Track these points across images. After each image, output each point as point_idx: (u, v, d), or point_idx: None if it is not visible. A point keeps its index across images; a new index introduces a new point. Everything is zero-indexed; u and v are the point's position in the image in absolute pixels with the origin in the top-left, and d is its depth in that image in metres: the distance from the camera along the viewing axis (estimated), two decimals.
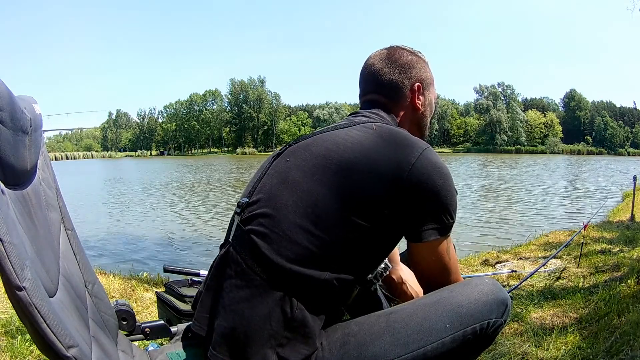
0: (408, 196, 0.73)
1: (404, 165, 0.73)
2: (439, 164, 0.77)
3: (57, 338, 0.45)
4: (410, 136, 0.81)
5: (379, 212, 0.73)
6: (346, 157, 0.74)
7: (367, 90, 0.95)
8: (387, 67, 0.92)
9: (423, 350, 0.70)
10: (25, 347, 1.51)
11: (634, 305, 1.78)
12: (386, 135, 0.78)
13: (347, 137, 0.78)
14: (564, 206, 9.85)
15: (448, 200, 0.77)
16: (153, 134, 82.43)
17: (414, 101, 0.92)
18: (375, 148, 0.76)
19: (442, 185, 0.76)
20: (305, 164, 0.77)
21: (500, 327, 0.77)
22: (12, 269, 0.43)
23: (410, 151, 0.75)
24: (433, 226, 0.76)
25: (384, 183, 0.72)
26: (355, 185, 0.72)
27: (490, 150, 70.78)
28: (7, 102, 0.50)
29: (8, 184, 0.52)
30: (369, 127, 0.80)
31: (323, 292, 0.72)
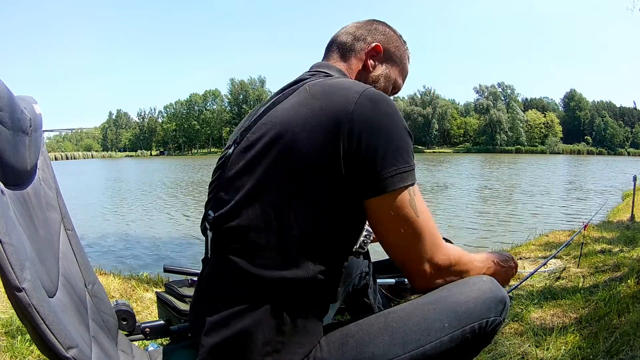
0: (356, 150, 0.65)
1: (341, 118, 0.65)
2: (381, 101, 0.68)
3: (56, 339, 0.45)
4: (345, 81, 0.72)
5: (334, 184, 0.66)
6: (285, 136, 0.67)
7: (330, 42, 0.89)
8: (356, 25, 0.87)
9: (422, 350, 0.69)
10: (26, 347, 1.51)
11: (634, 305, 1.78)
12: (319, 93, 0.70)
13: (282, 111, 0.71)
14: (564, 206, 9.85)
15: (403, 140, 0.67)
16: (153, 134, 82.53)
17: (366, 56, 0.85)
18: (310, 112, 0.67)
19: (390, 123, 0.67)
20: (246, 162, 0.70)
21: (499, 326, 0.76)
22: (11, 270, 0.43)
23: (345, 99, 0.67)
24: (392, 171, 0.65)
25: (327, 149, 0.65)
26: (301, 163, 0.65)
27: (490, 150, 70.81)
28: (7, 103, 0.50)
29: (8, 184, 0.52)
30: (302, 90, 0.72)
31: (312, 287, 0.70)
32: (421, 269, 0.71)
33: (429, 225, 0.70)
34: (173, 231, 7.19)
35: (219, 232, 0.71)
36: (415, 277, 0.73)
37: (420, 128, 76.95)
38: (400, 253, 0.72)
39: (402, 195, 0.67)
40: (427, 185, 14.88)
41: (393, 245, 0.71)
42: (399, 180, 0.66)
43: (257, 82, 79.55)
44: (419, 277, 0.73)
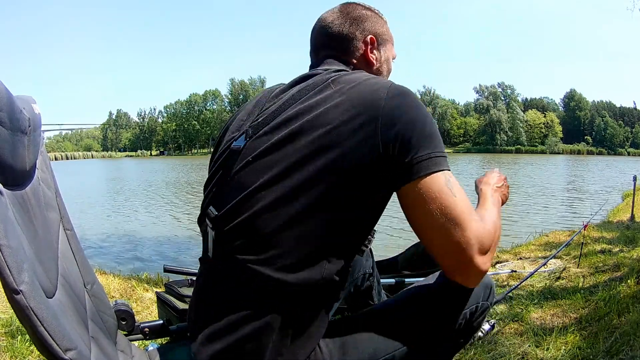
0: (393, 142, 0.64)
1: (376, 113, 0.65)
2: (408, 94, 0.68)
3: (54, 341, 0.45)
4: (368, 76, 0.72)
5: (373, 178, 0.65)
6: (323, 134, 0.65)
7: (317, 44, 0.87)
8: (338, 20, 0.84)
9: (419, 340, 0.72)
10: (25, 347, 1.51)
11: (634, 305, 1.78)
12: (346, 89, 0.69)
13: (310, 107, 0.68)
14: (564, 206, 9.85)
15: (433, 129, 0.67)
16: (153, 134, 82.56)
17: (367, 55, 0.85)
18: (343, 109, 0.66)
19: (419, 113, 0.67)
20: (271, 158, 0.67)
21: (487, 310, 0.79)
22: (9, 272, 0.43)
23: (376, 94, 0.67)
24: (426, 154, 0.64)
25: (367, 145, 0.64)
26: (343, 161, 0.64)
27: (490, 150, 70.83)
28: (5, 103, 0.50)
29: (7, 184, 0.52)
30: (326, 86, 0.71)
31: (322, 288, 0.67)
32: (472, 258, 0.64)
33: (468, 206, 0.65)
34: (173, 231, 7.19)
35: (224, 230, 0.68)
36: (466, 271, 0.65)
37: None
38: (445, 244, 0.64)
39: (438, 178, 0.64)
40: None
41: (436, 235, 0.65)
42: (433, 164, 0.64)
43: (257, 82, 79.48)
44: (472, 269, 0.65)
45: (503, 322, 1.85)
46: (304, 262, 0.64)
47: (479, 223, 0.65)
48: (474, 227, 0.64)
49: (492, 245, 0.66)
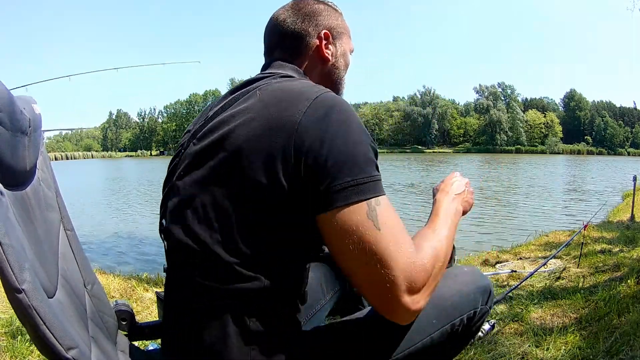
0: (305, 163, 0.58)
1: (289, 129, 0.59)
2: (335, 107, 0.61)
3: (56, 340, 0.45)
4: (298, 86, 0.66)
5: (282, 200, 0.60)
6: (232, 150, 0.61)
7: (269, 44, 0.83)
8: (290, 17, 0.80)
9: (414, 348, 0.69)
10: (26, 347, 1.51)
11: (634, 305, 1.78)
12: (269, 99, 0.64)
13: (230, 118, 0.65)
14: (564, 206, 9.85)
15: (360, 148, 0.60)
16: (153, 134, 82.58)
17: (321, 51, 0.80)
18: (258, 123, 0.61)
19: (343, 130, 0.60)
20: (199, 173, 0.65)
21: (487, 314, 0.77)
22: (11, 271, 0.43)
23: (295, 108, 0.61)
24: (345, 182, 0.57)
25: (274, 164, 0.59)
26: (248, 175, 0.60)
27: (490, 150, 70.82)
28: (6, 103, 0.50)
29: (7, 184, 0.52)
30: (252, 95, 0.66)
31: (272, 296, 0.63)
32: (398, 299, 0.57)
33: (398, 238, 0.57)
34: None
35: (171, 243, 0.67)
36: (394, 311, 0.59)
37: (420, 128, 76.94)
38: (368, 283, 0.58)
39: (359, 208, 0.57)
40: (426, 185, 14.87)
41: (356, 273, 0.59)
42: (354, 193, 0.57)
43: None
44: (399, 309, 0.58)
45: (503, 322, 1.85)
46: (240, 277, 0.61)
47: (411, 258, 0.58)
48: (401, 263, 0.56)
49: (427, 280, 0.59)
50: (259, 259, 0.62)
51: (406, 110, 77.34)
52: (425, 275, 0.59)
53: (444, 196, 0.79)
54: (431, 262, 0.60)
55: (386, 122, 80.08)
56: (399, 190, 13.11)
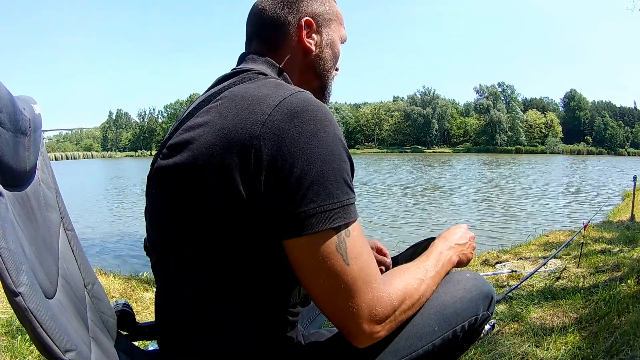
0: (265, 183, 0.52)
1: (246, 143, 0.53)
2: (301, 114, 0.54)
3: (53, 342, 0.46)
4: (263, 89, 0.59)
5: (244, 227, 0.55)
6: (191, 165, 0.55)
7: (249, 34, 0.76)
8: (270, 3, 0.72)
9: (415, 355, 0.68)
10: (25, 347, 1.51)
11: (634, 305, 1.78)
12: (229, 108, 0.57)
13: (189, 130, 0.59)
14: (564, 206, 9.85)
15: (330, 166, 0.53)
16: (153, 134, 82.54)
17: (302, 40, 0.72)
18: (213, 137, 0.55)
19: (311, 143, 0.53)
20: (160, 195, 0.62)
21: (487, 320, 0.76)
22: (7, 274, 0.43)
23: (254, 117, 0.54)
24: (311, 209, 0.52)
25: (230, 183, 0.53)
26: (208, 195, 0.55)
27: (490, 150, 70.83)
28: (6, 103, 0.50)
29: (7, 185, 0.52)
30: (213, 107, 0.59)
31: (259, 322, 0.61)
32: (359, 327, 0.56)
33: (366, 272, 0.55)
34: None
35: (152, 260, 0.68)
36: (355, 337, 0.57)
37: (420, 128, 76.93)
38: (331, 309, 0.56)
39: (327, 239, 0.53)
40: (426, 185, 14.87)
41: (321, 300, 0.56)
42: (321, 221, 0.52)
43: None
44: (359, 336, 0.57)
45: (503, 322, 1.85)
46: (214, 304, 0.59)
47: (377, 292, 0.56)
48: (367, 295, 0.55)
49: (392, 313, 0.58)
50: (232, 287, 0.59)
51: (406, 110, 77.31)
52: (390, 309, 0.57)
53: (442, 242, 0.77)
54: (399, 299, 0.59)
55: (386, 122, 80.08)
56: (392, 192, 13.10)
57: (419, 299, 0.64)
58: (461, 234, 0.81)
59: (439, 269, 0.70)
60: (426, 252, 0.74)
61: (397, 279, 0.61)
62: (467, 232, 0.84)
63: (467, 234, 0.83)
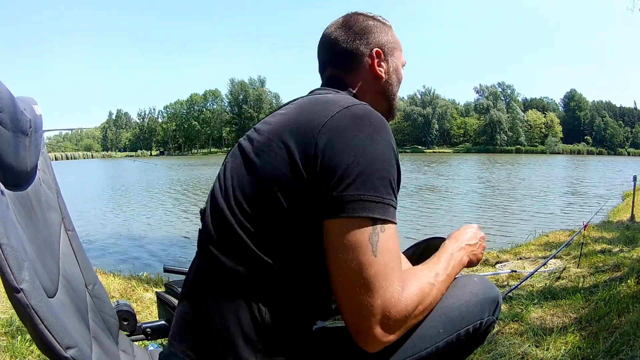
0: (320, 164, 0.59)
1: (312, 129, 0.61)
2: (364, 118, 0.62)
3: (54, 339, 0.46)
4: (338, 96, 0.70)
5: (298, 198, 0.61)
6: (263, 140, 0.66)
7: (324, 62, 0.86)
8: (343, 35, 0.82)
9: (417, 356, 0.68)
10: (25, 347, 1.51)
11: (634, 305, 1.78)
12: (305, 103, 0.69)
13: (272, 119, 0.70)
14: (564, 206, 9.85)
15: (380, 166, 0.59)
16: (153, 134, 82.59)
17: (374, 69, 0.82)
18: (288, 121, 0.65)
19: (367, 143, 0.59)
20: (237, 160, 0.70)
21: (493, 325, 0.76)
22: (10, 271, 0.43)
23: (325, 112, 0.63)
24: (354, 196, 0.57)
25: (294, 160, 0.61)
26: (272, 170, 0.63)
27: (490, 150, 70.84)
28: (7, 104, 0.51)
29: (8, 185, 0.52)
30: (295, 102, 0.72)
31: (286, 292, 0.64)
32: (370, 329, 0.57)
33: (389, 272, 0.57)
34: (173, 231, 7.20)
35: (203, 222, 0.71)
36: (364, 340, 0.59)
37: (420, 128, 76.93)
38: (347, 302, 0.58)
39: (363, 226, 0.57)
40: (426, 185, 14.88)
41: (340, 289, 0.59)
42: (361, 208, 0.57)
43: (257, 82, 79.59)
44: (369, 340, 0.59)
45: (503, 322, 1.85)
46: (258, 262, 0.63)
47: (395, 295, 0.57)
48: (384, 297, 0.56)
49: (404, 318, 0.59)
50: (279, 250, 0.63)
51: (406, 110, 77.25)
52: (404, 315, 0.59)
53: (453, 243, 0.78)
54: (414, 304, 0.60)
55: None
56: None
57: (430, 304, 0.65)
58: (472, 234, 0.83)
59: (449, 272, 0.71)
60: (437, 253, 0.74)
61: (412, 284, 0.62)
62: (478, 232, 0.85)
63: (478, 233, 0.84)
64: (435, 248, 0.78)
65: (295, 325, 0.66)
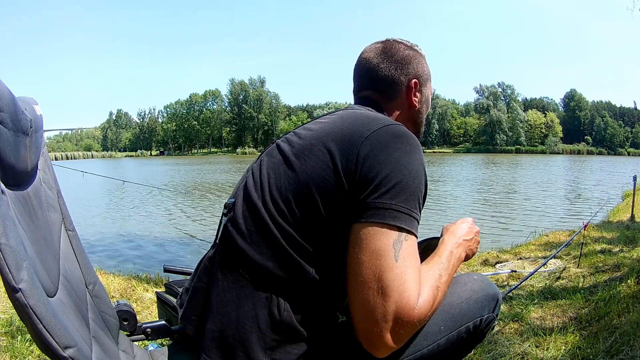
0: (359, 174, 0.63)
1: (355, 140, 0.66)
2: (403, 137, 0.67)
3: (53, 339, 0.46)
4: (379, 115, 0.75)
5: (334, 201, 0.64)
6: (304, 144, 0.70)
7: (362, 86, 0.90)
8: (383, 63, 0.86)
9: (419, 354, 0.69)
10: (25, 347, 1.51)
11: (634, 305, 1.78)
12: (349, 117, 0.73)
13: (314, 126, 0.74)
14: (564, 206, 9.85)
15: (412, 182, 0.63)
16: (153, 134, 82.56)
17: (410, 98, 0.87)
18: (332, 130, 0.70)
19: (402, 159, 0.64)
20: (274, 160, 0.73)
21: (493, 322, 0.77)
22: (8, 271, 0.43)
23: (368, 126, 0.68)
24: (386, 204, 0.61)
25: (335, 165, 0.65)
26: (312, 172, 0.66)
27: (490, 150, 70.80)
28: (7, 103, 0.51)
29: (8, 184, 0.52)
30: (337, 114, 0.77)
31: (309, 291, 0.67)
32: (381, 334, 0.59)
33: (405, 278, 0.59)
34: (173, 231, 7.20)
35: (233, 215, 0.72)
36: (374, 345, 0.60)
37: None
38: (361, 304, 0.60)
39: (389, 232, 0.60)
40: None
41: (356, 291, 0.61)
42: (391, 216, 0.60)
43: (257, 82, 79.56)
44: (378, 345, 0.60)
45: (503, 322, 1.85)
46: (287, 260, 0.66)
47: (410, 301, 0.58)
48: (400, 302, 0.58)
49: (415, 326, 0.60)
50: (306, 249, 0.66)
51: None
52: (416, 321, 0.60)
53: (451, 239, 0.78)
54: (427, 310, 0.61)
55: None
56: None
57: (436, 307, 0.66)
58: (468, 229, 0.84)
59: (450, 271, 0.71)
60: (437, 251, 0.75)
61: (425, 289, 0.63)
62: (473, 226, 0.86)
63: (473, 228, 0.85)
64: (434, 249, 0.78)
65: (309, 324, 0.68)
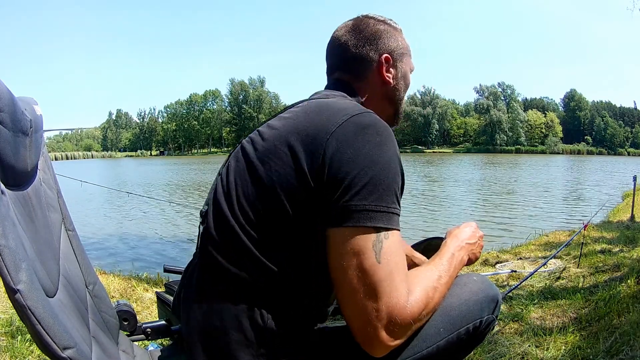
0: (327, 174, 0.60)
1: (321, 137, 0.62)
2: (370, 128, 0.62)
3: (52, 339, 0.46)
4: (344, 102, 0.70)
5: (305, 205, 0.61)
6: (268, 146, 0.66)
7: (332, 66, 0.86)
8: (352, 39, 0.82)
9: (418, 356, 0.69)
10: (25, 347, 1.51)
11: (634, 305, 1.78)
12: (312, 110, 0.68)
13: (277, 122, 0.70)
14: (564, 206, 9.86)
15: (385, 176, 0.60)
16: (153, 134, 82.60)
17: (382, 75, 0.82)
18: (295, 127, 0.65)
19: (373, 152, 0.60)
20: (240, 165, 0.70)
21: (493, 324, 0.76)
22: (7, 272, 0.43)
23: (334, 119, 0.63)
24: (360, 206, 0.58)
25: (301, 167, 0.61)
26: (278, 178, 0.63)
27: (490, 151, 70.79)
28: (7, 103, 0.51)
29: (8, 184, 0.52)
30: (300, 106, 0.72)
31: (291, 296, 0.65)
32: (376, 334, 0.58)
33: (394, 277, 0.58)
34: (173, 231, 7.20)
35: (206, 225, 0.70)
36: (370, 345, 0.59)
37: (420, 128, 76.89)
38: (353, 308, 0.59)
39: (366, 235, 0.58)
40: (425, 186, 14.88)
41: (345, 296, 0.59)
42: (365, 218, 0.58)
43: (257, 82, 79.60)
44: (375, 344, 0.59)
45: (503, 322, 1.85)
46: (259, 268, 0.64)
47: (400, 299, 0.58)
48: (390, 301, 0.57)
49: (409, 324, 0.59)
50: (284, 256, 0.63)
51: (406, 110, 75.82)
52: (409, 320, 0.59)
53: (454, 242, 0.78)
54: (419, 309, 0.61)
55: None
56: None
57: (433, 308, 0.66)
58: (472, 233, 0.83)
59: (451, 273, 0.71)
60: (439, 253, 0.75)
61: (417, 289, 0.62)
62: (477, 231, 0.85)
63: (476, 232, 0.85)
64: (435, 248, 0.78)
65: (295, 329, 0.67)
